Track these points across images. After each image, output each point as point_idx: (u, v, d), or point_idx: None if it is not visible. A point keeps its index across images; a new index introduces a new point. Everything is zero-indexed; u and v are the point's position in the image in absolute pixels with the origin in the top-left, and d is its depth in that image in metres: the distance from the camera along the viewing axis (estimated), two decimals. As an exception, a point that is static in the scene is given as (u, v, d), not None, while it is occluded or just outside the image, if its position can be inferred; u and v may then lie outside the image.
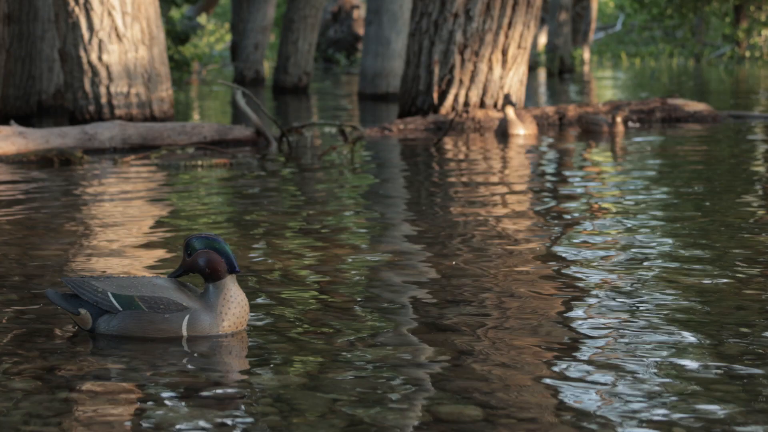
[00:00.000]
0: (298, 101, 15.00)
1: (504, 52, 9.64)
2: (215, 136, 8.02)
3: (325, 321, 3.04)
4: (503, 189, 5.94)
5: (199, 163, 6.83)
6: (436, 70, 9.63)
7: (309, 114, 12.68)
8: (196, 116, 12.19)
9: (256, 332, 2.92)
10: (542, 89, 18.20)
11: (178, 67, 15.84)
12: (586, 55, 30.42)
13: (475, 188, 5.99)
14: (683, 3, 33.23)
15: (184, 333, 2.80)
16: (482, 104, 9.63)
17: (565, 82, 20.94)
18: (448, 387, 2.48)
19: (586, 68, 27.89)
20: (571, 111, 9.67)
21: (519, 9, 9.62)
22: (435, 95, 9.66)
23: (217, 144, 7.94)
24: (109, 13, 9.44)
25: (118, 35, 9.48)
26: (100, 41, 9.44)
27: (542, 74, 23.24)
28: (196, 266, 2.79)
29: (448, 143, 8.33)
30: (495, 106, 9.61)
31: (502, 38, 9.61)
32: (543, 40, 28.38)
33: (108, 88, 9.52)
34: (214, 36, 26.43)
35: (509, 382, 2.52)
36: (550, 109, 9.77)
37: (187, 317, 2.78)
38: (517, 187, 6.05)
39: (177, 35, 15.38)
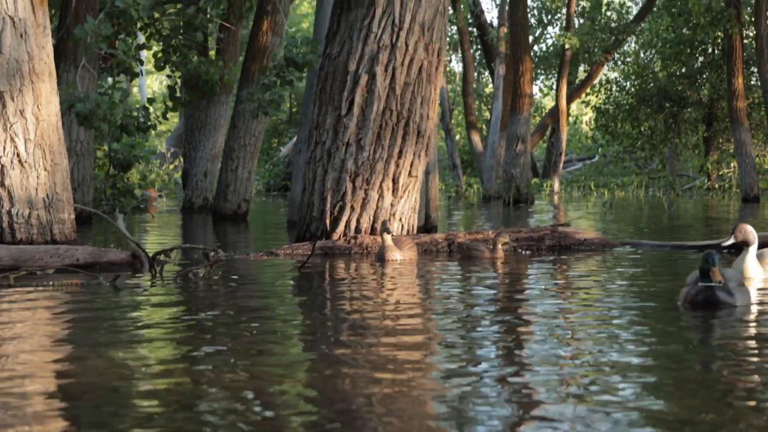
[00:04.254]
0: (236, 228, 15.27)
1: (395, 181, 9.91)
2: (89, 259, 8.23)
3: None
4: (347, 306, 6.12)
5: (51, 283, 7.02)
6: (329, 197, 9.90)
7: (239, 241, 12.92)
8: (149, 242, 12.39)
9: None
10: (487, 218, 18.45)
11: (122, 194, 16.16)
12: (557, 185, 30.83)
13: (314, 305, 6.16)
14: (654, 134, 33.82)
15: None
16: (373, 230, 9.87)
17: (520, 211, 21.21)
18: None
19: (556, 198, 28.25)
20: (461, 237, 9.89)
21: (409, 139, 9.93)
22: (327, 221, 9.91)
23: (90, 267, 8.14)
24: (12, 140, 9.75)
25: (20, 161, 9.77)
26: (2, 166, 9.72)
27: (500, 204, 23.56)
28: None
29: (326, 267, 8.53)
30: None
31: (392, 167, 9.90)
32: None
33: (9, 212, 9.78)
34: (172, 164, 26.97)
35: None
36: (439, 236, 9.99)
37: None
38: (362, 305, 6.23)
39: (120, 162, 15.74)
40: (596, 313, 5.92)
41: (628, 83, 35.59)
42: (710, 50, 32.83)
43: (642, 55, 36.93)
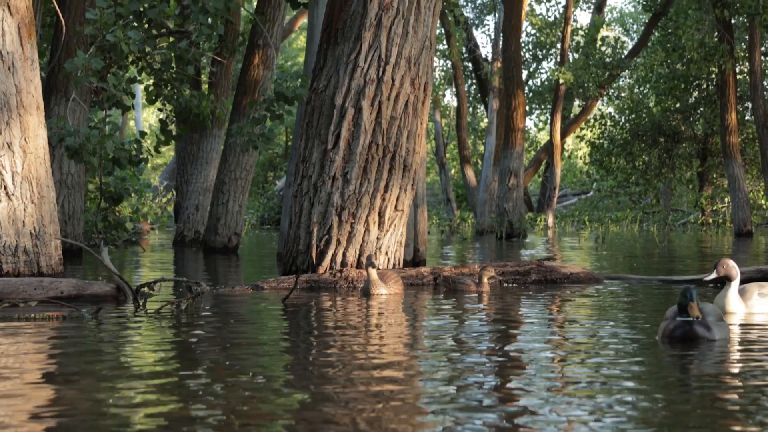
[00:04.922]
0: (227, 261, 15.27)
1: (381, 214, 9.93)
2: (72, 292, 8.24)
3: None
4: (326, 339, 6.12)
5: (32, 315, 7.03)
6: (315, 230, 9.92)
7: (229, 274, 12.92)
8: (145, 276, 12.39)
9: None
10: (479, 253, 18.46)
11: (113, 227, 16.20)
12: (551, 219, 30.86)
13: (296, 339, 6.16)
14: (648, 169, 33.89)
15: None
16: (359, 264, 9.88)
17: (512, 246, 21.21)
18: None
19: (550, 233, 28.27)
20: (447, 271, 9.90)
21: (395, 173, 9.96)
22: (313, 255, 9.92)
23: (74, 299, 8.14)
24: (-1, 173, 9.78)
25: (7, 194, 9.79)
26: (-10, 199, 9.74)
27: (492, 239, 23.57)
28: None
29: (310, 300, 8.53)
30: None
31: (378, 201, 9.91)
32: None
33: (-4, 244, 9.78)
34: (165, 198, 27.03)
35: None
36: (425, 270, 10.00)
37: None
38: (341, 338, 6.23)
39: (111, 196, 15.77)
40: (580, 347, 5.92)
41: (622, 118, 35.70)
42: (704, 85, 32.96)
43: (636, 90, 37.08)
